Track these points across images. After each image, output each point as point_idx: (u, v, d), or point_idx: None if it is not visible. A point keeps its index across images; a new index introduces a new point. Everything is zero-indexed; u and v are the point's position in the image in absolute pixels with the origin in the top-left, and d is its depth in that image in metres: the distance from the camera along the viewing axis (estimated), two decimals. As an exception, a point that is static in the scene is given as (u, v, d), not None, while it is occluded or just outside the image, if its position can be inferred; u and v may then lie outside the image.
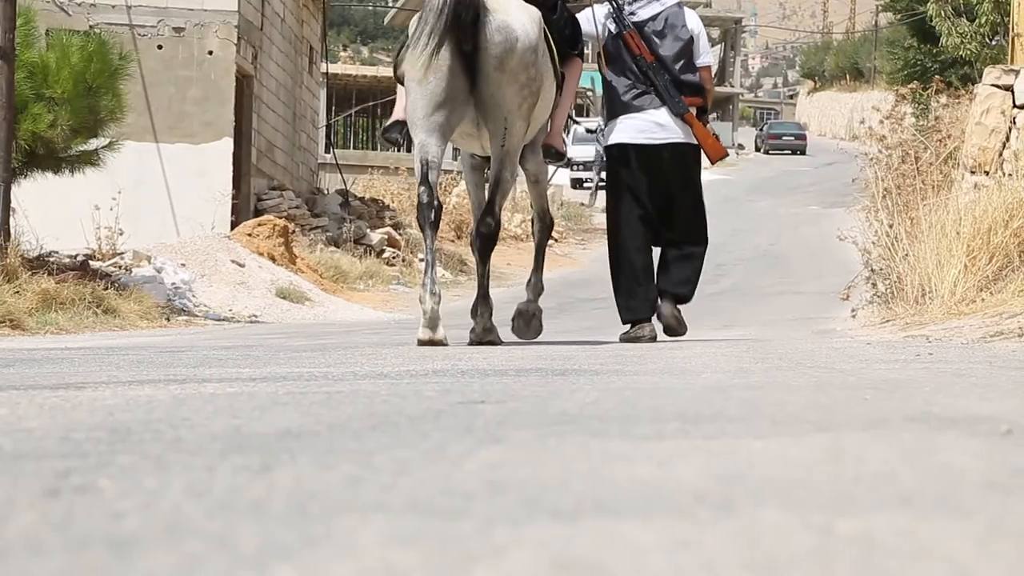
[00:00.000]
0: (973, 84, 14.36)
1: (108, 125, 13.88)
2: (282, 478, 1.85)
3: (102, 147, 13.93)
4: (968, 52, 23.81)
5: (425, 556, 1.34)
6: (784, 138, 72.96)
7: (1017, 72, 10.64)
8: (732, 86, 75.89)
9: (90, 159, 13.89)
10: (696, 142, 7.89)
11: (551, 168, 8.07)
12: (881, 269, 11.72)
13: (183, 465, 1.99)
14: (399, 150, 6.71)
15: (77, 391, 3.57)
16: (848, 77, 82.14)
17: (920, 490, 1.72)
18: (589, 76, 32.57)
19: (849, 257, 17.61)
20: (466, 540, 1.41)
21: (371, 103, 56.49)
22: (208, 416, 2.77)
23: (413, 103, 6.77)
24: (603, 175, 8.16)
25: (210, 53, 21.59)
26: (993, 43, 23.08)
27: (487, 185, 7.19)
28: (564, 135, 7.60)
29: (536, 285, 8.06)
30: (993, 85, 10.69)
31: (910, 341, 7.62)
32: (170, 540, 1.42)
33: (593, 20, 7.89)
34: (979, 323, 8.28)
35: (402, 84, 6.97)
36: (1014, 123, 10.49)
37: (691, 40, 7.87)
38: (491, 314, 7.27)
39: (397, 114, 7.09)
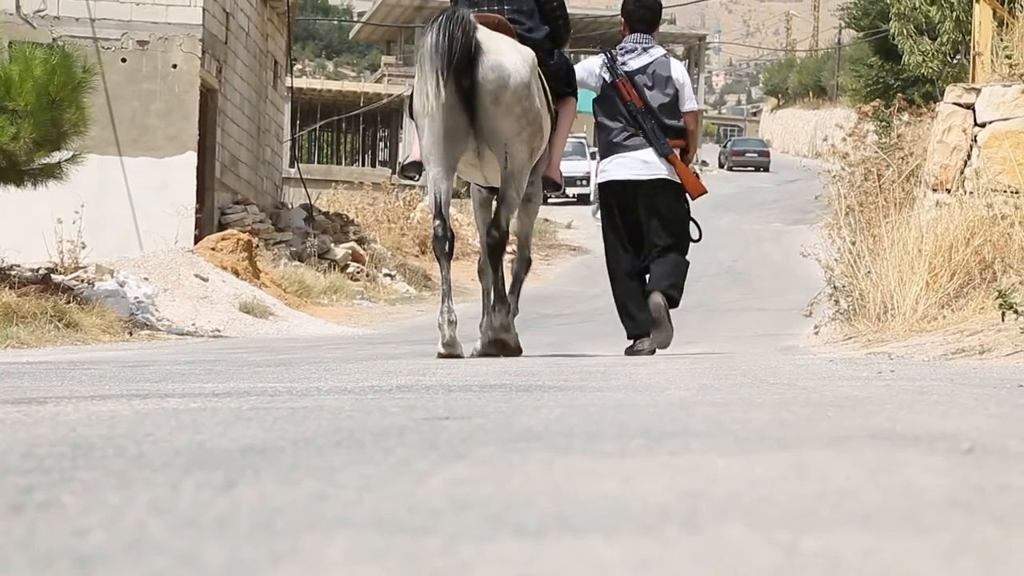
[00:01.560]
0: (935, 102, 14.45)
1: (71, 138, 13.81)
2: (247, 494, 1.85)
3: (65, 160, 13.86)
4: (930, 70, 23.94)
5: (391, 573, 1.34)
6: (747, 155, 73.23)
7: (978, 91, 10.71)
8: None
9: (53, 172, 13.82)
10: (678, 179, 8.64)
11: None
12: (844, 286, 11.77)
13: (146, 481, 1.98)
14: (412, 180, 7.79)
15: (39, 406, 3.55)
16: (811, 94, 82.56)
17: (883, 507, 1.73)
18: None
19: (812, 274, 17.70)
20: (432, 557, 1.41)
21: (335, 117, 56.47)
22: (171, 431, 2.76)
23: (425, 137, 7.39)
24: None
25: (174, 67, 21.53)
26: (955, 62, 23.22)
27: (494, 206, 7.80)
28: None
29: (512, 307, 8.36)
30: (955, 103, 10.75)
31: (872, 358, 7.65)
32: (135, 557, 1.42)
33: (591, 71, 8.73)
34: (940, 340, 8.32)
35: (416, 123, 7.60)
36: (975, 141, 10.56)
37: (676, 89, 8.65)
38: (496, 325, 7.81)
39: (415, 155, 7.70)
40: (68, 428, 2.83)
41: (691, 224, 8.91)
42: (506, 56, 7.36)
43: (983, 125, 10.54)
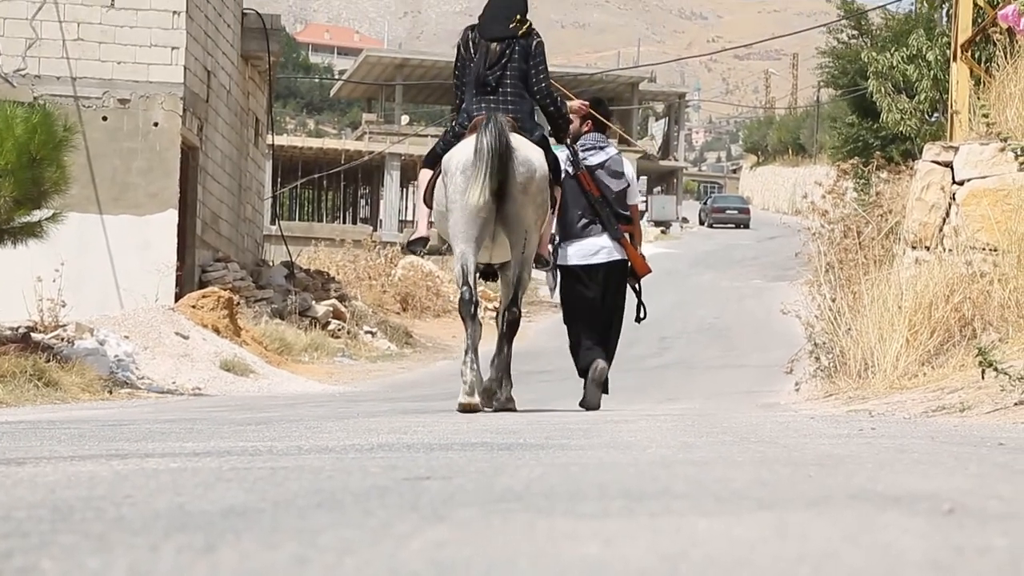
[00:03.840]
0: (913, 160, 14.53)
1: (52, 197, 13.79)
2: (227, 558, 1.84)
3: (45, 219, 13.84)
4: (908, 128, 24.09)
5: (371, 639, 1.34)
6: (727, 212, 73.49)
7: (956, 149, 10.77)
8: (676, 160, 76.47)
9: (33, 231, 13.79)
10: (628, 260, 9.80)
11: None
12: (824, 343, 11.80)
13: (126, 545, 1.97)
14: (416, 254, 9.21)
15: (18, 467, 3.54)
16: (790, 152, 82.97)
17: (864, 570, 1.73)
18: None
19: (792, 331, 17.72)
20: (412, 622, 1.41)
21: (317, 175, 56.54)
22: (151, 493, 2.75)
23: (457, 221, 8.40)
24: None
25: (155, 125, 21.56)
26: (932, 120, 23.38)
27: (505, 285, 8.85)
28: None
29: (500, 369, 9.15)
30: (933, 161, 10.81)
31: (853, 415, 7.66)
32: (113, 623, 1.41)
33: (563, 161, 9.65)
34: (921, 397, 8.34)
35: (427, 205, 8.80)
36: (954, 199, 10.61)
37: (627, 183, 9.86)
38: (511, 387, 8.78)
39: (421, 231, 8.84)
40: (47, 490, 2.82)
41: (639, 304, 9.91)
42: (530, 153, 8.47)
43: (961, 183, 10.60)
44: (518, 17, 8.86)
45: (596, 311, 9.72)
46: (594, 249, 9.68)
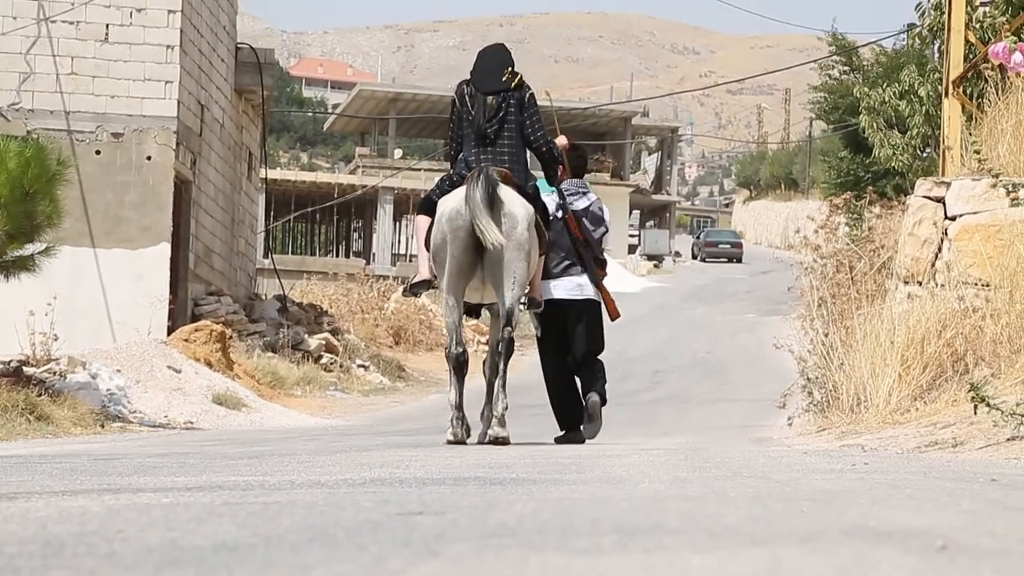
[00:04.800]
0: (906, 195, 14.57)
1: (45, 230, 13.78)
2: (219, 594, 1.83)
3: (38, 252, 13.82)
4: (900, 163, 24.17)
5: (363, 676, 1.33)
6: (720, 246, 73.59)
7: (948, 184, 10.80)
8: (669, 194, 76.60)
9: (26, 264, 13.77)
10: (602, 301, 10.15)
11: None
12: (817, 377, 11.81)
13: (118, 580, 1.96)
14: (417, 297, 9.72)
15: (9, 502, 3.53)
16: (783, 186, 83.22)
17: (856, 606, 1.72)
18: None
19: (785, 365, 17.73)
20: (404, 659, 1.41)
21: (310, 208, 56.59)
22: (143, 528, 2.74)
23: (445, 270, 8.82)
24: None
25: (148, 158, 21.58)
26: (924, 155, 23.45)
27: (496, 319, 9.19)
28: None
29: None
30: (925, 196, 10.84)
31: (846, 450, 7.66)
32: (105, 659, 1.41)
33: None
34: (913, 432, 8.34)
35: (428, 249, 9.04)
36: (946, 234, 10.64)
37: (606, 228, 10.28)
38: (507, 407, 8.88)
39: (423, 274, 9.12)
40: (39, 525, 2.81)
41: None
42: (515, 207, 8.84)
43: (953, 218, 10.63)
44: (509, 70, 9.30)
45: (568, 344, 10.02)
46: (574, 287, 10.02)
